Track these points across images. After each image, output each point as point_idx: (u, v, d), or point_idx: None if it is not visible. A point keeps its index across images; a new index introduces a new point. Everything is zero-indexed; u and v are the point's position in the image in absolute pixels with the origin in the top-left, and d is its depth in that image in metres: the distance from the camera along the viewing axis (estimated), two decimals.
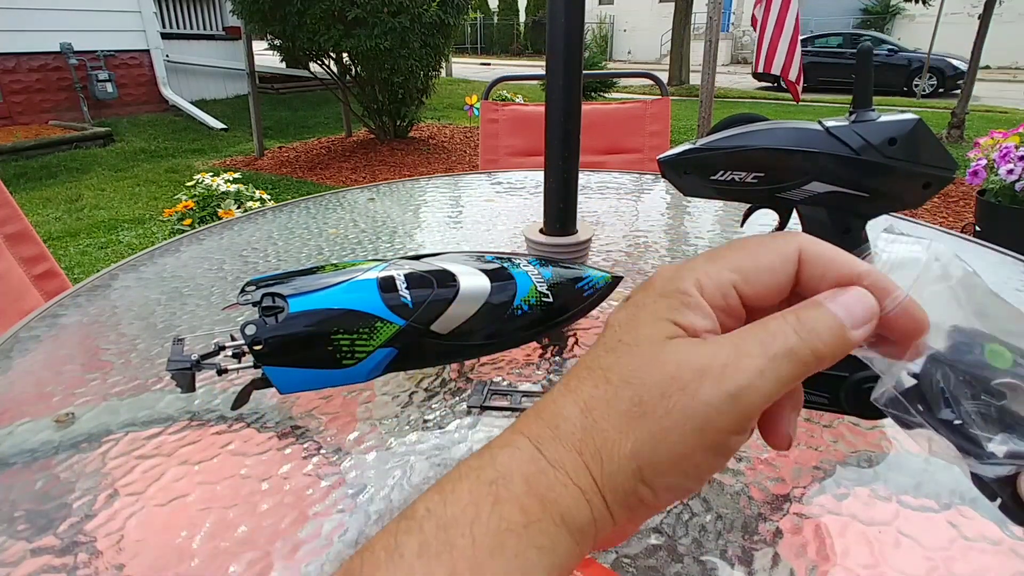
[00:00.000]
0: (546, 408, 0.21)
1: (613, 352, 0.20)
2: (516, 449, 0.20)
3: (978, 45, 4.90)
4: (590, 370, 0.21)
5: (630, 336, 0.20)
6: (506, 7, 21.59)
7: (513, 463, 0.20)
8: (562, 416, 0.20)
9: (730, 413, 0.18)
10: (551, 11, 0.55)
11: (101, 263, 2.92)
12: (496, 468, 0.20)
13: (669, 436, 0.18)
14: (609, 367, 0.20)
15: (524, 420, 0.21)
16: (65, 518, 0.35)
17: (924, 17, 14.06)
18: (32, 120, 5.90)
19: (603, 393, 0.20)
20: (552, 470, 0.19)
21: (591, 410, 0.20)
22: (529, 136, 1.61)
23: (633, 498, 0.19)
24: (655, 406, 0.19)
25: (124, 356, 0.53)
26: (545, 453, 0.19)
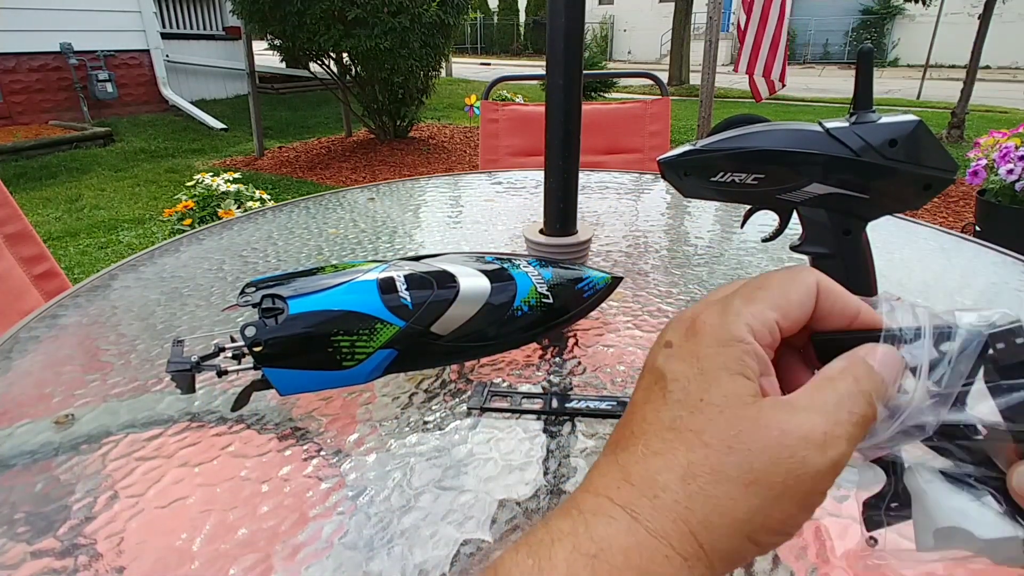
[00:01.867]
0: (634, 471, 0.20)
1: (700, 413, 0.20)
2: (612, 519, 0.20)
3: (978, 45, 4.90)
4: (677, 432, 0.20)
5: (711, 395, 0.21)
6: (506, 7, 21.59)
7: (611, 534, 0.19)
8: (659, 484, 0.20)
9: (831, 477, 0.20)
10: (551, 11, 0.55)
11: (101, 263, 2.92)
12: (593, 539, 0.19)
13: (782, 501, 0.19)
14: (702, 430, 0.20)
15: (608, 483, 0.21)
16: (65, 520, 0.35)
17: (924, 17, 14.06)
18: (32, 120, 5.90)
19: (704, 458, 0.20)
20: (653, 541, 0.19)
21: (695, 477, 0.20)
22: (529, 136, 1.61)
23: (739, 558, 0.20)
24: (767, 473, 0.19)
25: (124, 357, 0.53)
26: (644, 523, 0.19)
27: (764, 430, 0.20)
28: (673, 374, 0.22)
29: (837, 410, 0.20)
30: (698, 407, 0.21)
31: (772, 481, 0.19)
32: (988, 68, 15.41)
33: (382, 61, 4.67)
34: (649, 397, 0.22)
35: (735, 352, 0.21)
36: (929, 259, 0.72)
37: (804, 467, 0.19)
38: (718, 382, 0.21)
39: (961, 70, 6.04)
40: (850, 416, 0.20)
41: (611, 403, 0.45)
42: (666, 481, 0.20)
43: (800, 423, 0.20)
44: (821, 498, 0.20)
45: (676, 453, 0.20)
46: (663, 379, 0.22)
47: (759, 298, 0.22)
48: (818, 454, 0.19)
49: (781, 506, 0.19)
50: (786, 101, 9.42)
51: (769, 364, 0.22)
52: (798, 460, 0.19)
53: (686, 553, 0.19)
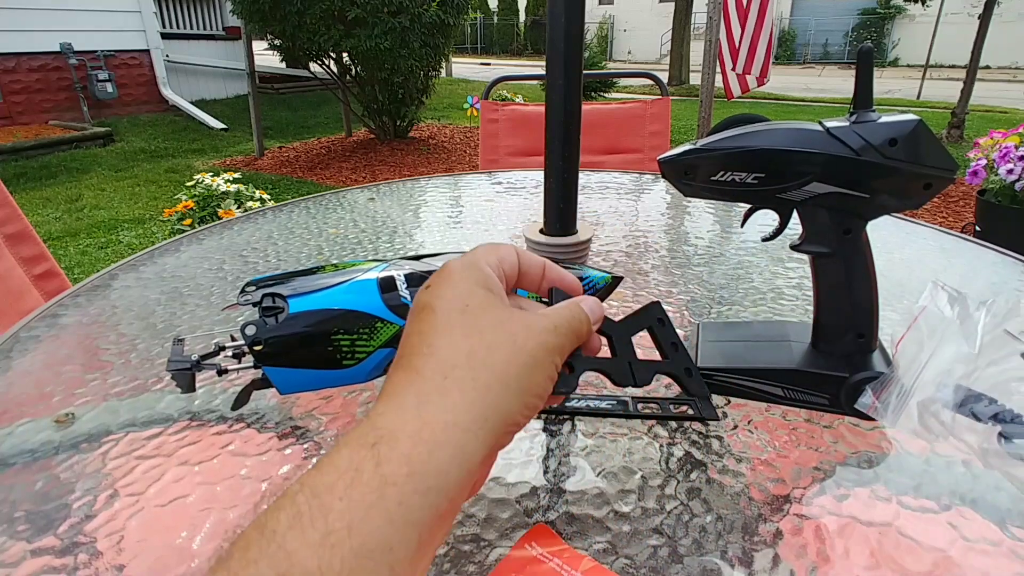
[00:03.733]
0: (424, 367, 0.24)
1: (468, 314, 0.26)
2: (398, 407, 0.22)
3: (978, 45, 4.90)
4: (451, 327, 0.26)
5: (473, 302, 0.27)
6: (506, 7, 21.60)
7: (395, 421, 0.22)
8: (448, 364, 0.24)
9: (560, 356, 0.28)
10: (551, 11, 0.55)
11: (101, 263, 2.92)
12: (377, 430, 0.21)
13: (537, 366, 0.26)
14: (472, 323, 0.26)
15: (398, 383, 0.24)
16: (65, 518, 0.35)
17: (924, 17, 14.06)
18: (32, 120, 5.90)
19: (481, 340, 0.25)
20: (442, 415, 0.22)
21: (475, 353, 0.25)
22: (529, 136, 1.61)
23: (510, 421, 0.25)
24: (526, 345, 0.26)
25: (124, 356, 0.53)
26: (433, 404, 0.23)
27: (519, 318, 0.27)
28: (437, 297, 0.27)
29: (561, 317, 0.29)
30: (465, 310, 0.26)
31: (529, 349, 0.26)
32: (988, 68, 15.41)
33: (382, 61, 4.67)
34: (420, 318, 0.27)
35: (479, 275, 0.28)
36: (929, 259, 0.72)
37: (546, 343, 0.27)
38: (474, 294, 0.27)
39: (961, 70, 6.04)
40: (571, 322, 0.29)
41: (611, 402, 0.45)
42: (455, 361, 0.24)
43: (537, 318, 0.28)
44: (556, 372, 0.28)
45: (457, 342, 0.25)
46: (429, 305, 0.27)
47: (484, 255, 0.30)
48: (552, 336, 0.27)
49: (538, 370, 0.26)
50: (786, 101, 9.43)
51: (502, 287, 0.29)
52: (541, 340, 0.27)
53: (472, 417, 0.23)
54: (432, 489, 0.20)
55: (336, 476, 0.20)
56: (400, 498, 0.19)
